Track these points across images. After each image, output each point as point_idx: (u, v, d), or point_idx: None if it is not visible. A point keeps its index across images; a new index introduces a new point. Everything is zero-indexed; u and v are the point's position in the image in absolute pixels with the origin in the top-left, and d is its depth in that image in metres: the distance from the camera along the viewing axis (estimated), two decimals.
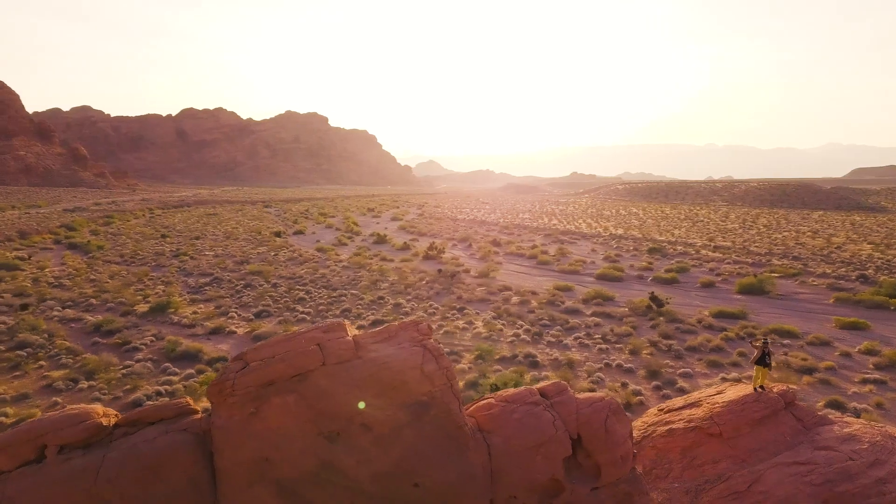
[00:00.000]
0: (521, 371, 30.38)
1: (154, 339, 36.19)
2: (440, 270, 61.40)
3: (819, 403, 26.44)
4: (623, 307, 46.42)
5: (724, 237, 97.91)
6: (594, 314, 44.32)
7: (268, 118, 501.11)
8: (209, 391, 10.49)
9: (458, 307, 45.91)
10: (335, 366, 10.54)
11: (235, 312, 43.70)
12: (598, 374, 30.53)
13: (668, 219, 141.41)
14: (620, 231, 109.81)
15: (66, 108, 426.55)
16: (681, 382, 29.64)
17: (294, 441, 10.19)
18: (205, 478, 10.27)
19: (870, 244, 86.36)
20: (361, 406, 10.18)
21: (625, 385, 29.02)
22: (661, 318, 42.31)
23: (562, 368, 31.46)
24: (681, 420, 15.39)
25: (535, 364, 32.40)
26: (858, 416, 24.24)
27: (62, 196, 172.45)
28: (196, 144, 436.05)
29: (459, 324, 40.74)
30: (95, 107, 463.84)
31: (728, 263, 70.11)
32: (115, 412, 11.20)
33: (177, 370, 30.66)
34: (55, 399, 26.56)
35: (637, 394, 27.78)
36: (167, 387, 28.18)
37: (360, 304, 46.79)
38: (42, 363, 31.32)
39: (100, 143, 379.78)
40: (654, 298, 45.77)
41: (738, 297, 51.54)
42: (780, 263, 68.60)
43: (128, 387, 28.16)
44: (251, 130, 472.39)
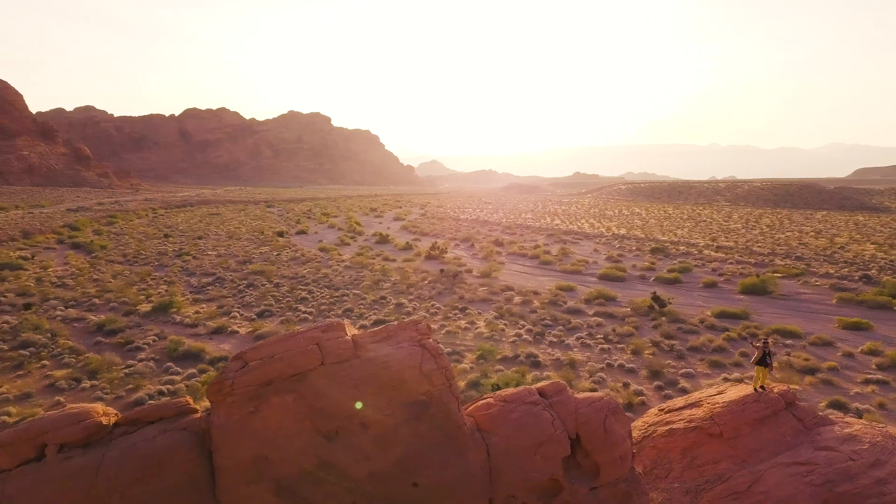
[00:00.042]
0: (523, 371, 30.34)
1: (156, 339, 36.28)
2: (442, 270, 61.40)
3: (821, 404, 26.38)
4: (625, 307, 46.37)
5: (727, 237, 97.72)
6: (596, 314, 44.28)
7: (271, 118, 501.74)
8: (208, 390, 10.52)
9: (461, 307, 45.91)
10: (334, 365, 10.55)
11: (238, 312, 43.77)
12: (600, 375, 30.50)
13: (671, 219, 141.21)
14: (623, 231, 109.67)
15: (70, 108, 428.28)
16: (683, 383, 29.59)
17: (293, 440, 10.20)
18: (204, 476, 10.30)
19: (873, 244, 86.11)
20: (358, 406, 10.18)
21: (626, 385, 28.99)
22: (664, 319, 42.25)
23: (564, 368, 31.43)
24: (681, 420, 15.38)
25: (537, 364, 32.37)
26: (861, 417, 24.18)
27: (65, 196, 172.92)
28: (199, 144, 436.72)
29: (461, 324, 40.73)
30: (99, 107, 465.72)
31: (731, 263, 69.99)
32: (115, 411, 11.23)
33: (179, 370, 30.72)
34: (58, 398, 26.63)
35: (639, 394, 27.74)
36: (169, 386, 28.24)
37: (363, 304, 46.83)
38: (45, 362, 31.41)
39: (103, 143, 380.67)
40: (657, 298, 45.71)
41: (741, 298, 51.44)
42: (783, 263, 68.45)
43: (130, 386, 28.23)
44: (254, 130, 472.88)
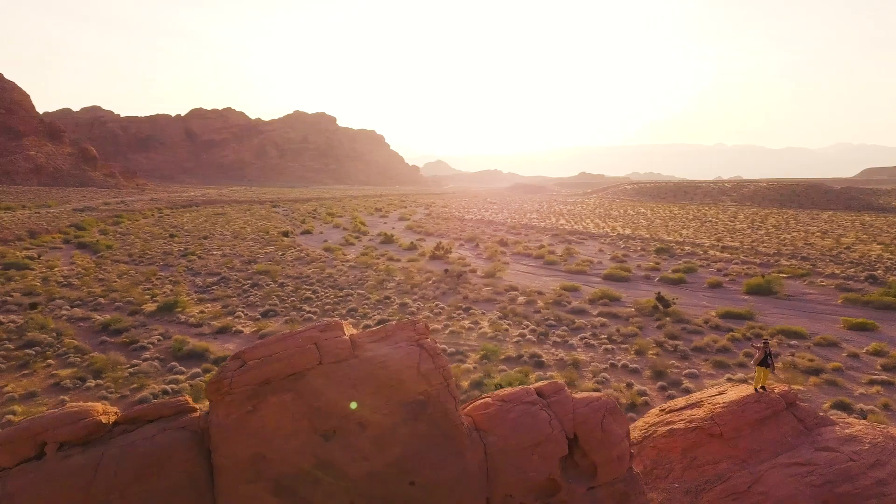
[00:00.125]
0: (527, 371, 30.31)
1: (161, 339, 36.43)
2: (446, 270, 61.41)
3: (825, 404, 26.27)
4: (629, 307, 46.28)
5: (733, 237, 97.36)
6: (600, 314, 44.19)
7: (276, 118, 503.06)
8: (207, 389, 10.57)
9: (464, 307, 45.90)
10: (332, 365, 10.58)
11: (242, 312, 43.89)
12: (604, 375, 30.43)
13: (677, 219, 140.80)
14: (628, 231, 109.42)
15: (76, 109, 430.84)
16: (686, 383, 29.50)
17: (291, 439, 10.23)
18: (203, 475, 10.35)
19: (879, 244, 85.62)
20: (353, 406, 10.20)
21: (630, 385, 28.92)
22: (668, 319, 42.14)
23: (567, 369, 31.38)
24: (682, 420, 15.34)
25: (541, 364, 32.33)
26: (865, 418, 24.07)
27: (72, 196, 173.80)
28: (205, 144, 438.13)
29: (465, 324, 40.73)
30: (105, 107, 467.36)
31: (736, 264, 69.72)
32: (116, 410, 11.29)
33: (183, 369, 30.83)
34: (63, 397, 26.77)
35: (642, 394, 27.68)
36: (173, 386, 28.34)
37: (367, 304, 46.90)
38: (50, 362, 31.58)
39: (109, 143, 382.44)
40: (661, 299, 45.60)
41: (746, 298, 51.26)
42: (789, 264, 68.16)
43: (135, 385, 28.34)
44: (259, 130, 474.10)
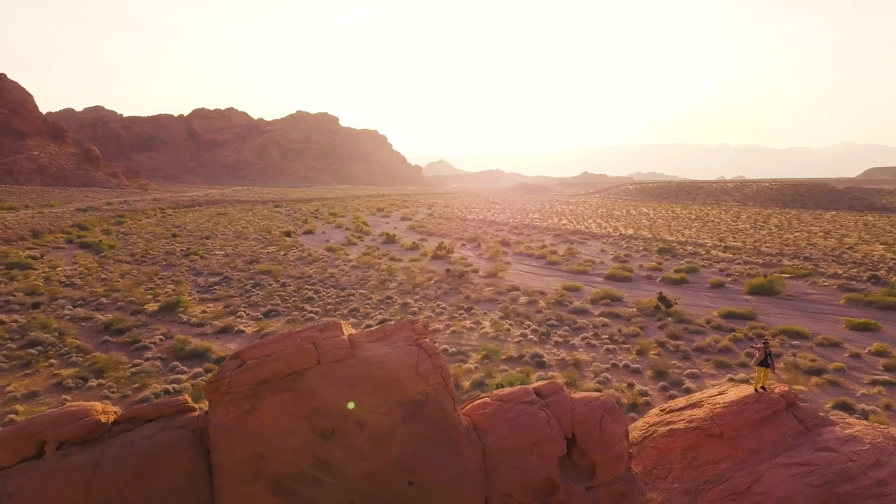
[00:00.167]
0: (528, 371, 30.30)
1: (163, 338, 36.50)
2: (448, 270, 61.42)
3: (827, 405, 26.22)
4: (631, 307, 46.23)
5: (735, 237, 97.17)
6: (602, 314, 44.16)
7: (279, 118, 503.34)
8: (206, 388, 10.60)
9: (466, 307, 45.90)
10: (330, 364, 10.60)
11: (244, 312, 43.96)
12: (605, 375, 30.41)
13: (679, 219, 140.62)
14: (630, 231, 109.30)
15: (79, 109, 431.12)
16: (688, 383, 29.46)
17: (289, 439, 10.25)
18: (201, 474, 10.37)
19: (882, 244, 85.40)
20: (351, 406, 10.22)
21: (631, 385, 28.90)
22: (670, 319, 42.09)
23: (568, 369, 31.36)
24: (682, 420, 15.33)
25: (542, 364, 32.32)
26: (867, 418, 24.02)
27: (75, 196, 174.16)
28: (207, 144, 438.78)
29: (467, 323, 40.73)
30: (108, 107, 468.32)
31: (738, 264, 69.60)
32: (115, 409, 11.33)
33: (185, 369, 30.89)
34: (65, 397, 26.82)
35: (643, 394, 27.65)
36: (175, 385, 28.40)
37: (369, 304, 46.92)
38: (52, 361, 31.66)
39: (112, 143, 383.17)
40: (663, 299, 45.54)
41: (748, 298, 51.17)
42: (791, 264, 68.03)
43: (136, 385, 28.41)
44: (262, 130, 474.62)
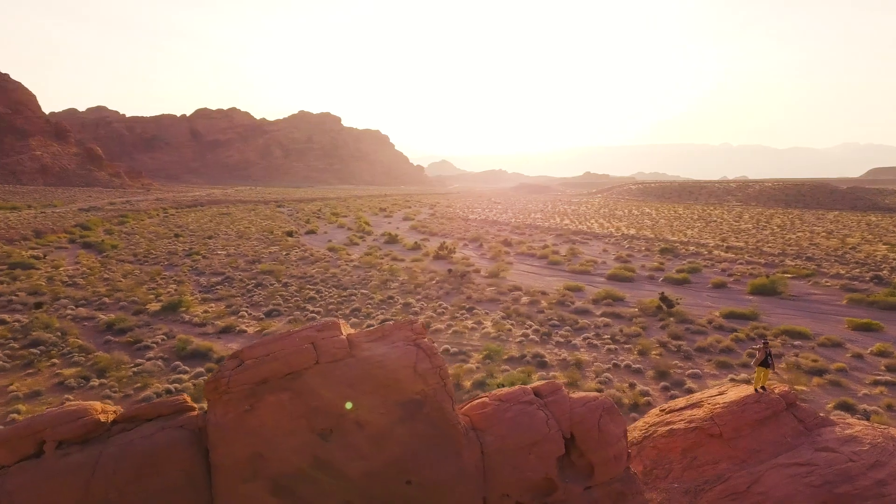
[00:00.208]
0: (529, 371, 30.28)
1: (165, 338, 36.56)
2: (450, 270, 61.42)
3: (829, 405, 26.17)
4: (633, 308, 46.17)
5: (737, 237, 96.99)
6: (604, 314, 44.12)
7: (281, 118, 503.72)
8: (205, 388, 10.62)
9: (468, 307, 45.89)
10: (329, 364, 10.62)
11: (246, 311, 44.01)
12: (607, 375, 30.39)
13: (681, 219, 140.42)
14: (632, 231, 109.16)
15: (82, 109, 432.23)
16: (689, 383, 29.41)
17: (288, 438, 10.27)
18: (200, 474, 10.40)
19: (885, 245, 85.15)
20: (349, 406, 10.23)
21: (633, 386, 28.87)
22: (671, 319, 42.04)
23: (570, 369, 31.34)
24: (682, 420, 15.32)
25: (544, 364, 32.30)
26: (868, 418, 23.97)
27: (77, 195, 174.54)
28: (210, 144, 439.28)
29: (468, 324, 40.72)
30: (111, 107, 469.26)
31: (740, 264, 69.48)
32: (115, 408, 11.36)
33: (187, 369, 30.94)
34: (67, 396, 26.86)
35: (645, 394, 27.62)
36: (177, 385, 28.43)
37: (370, 304, 46.94)
38: (55, 361, 31.73)
39: (115, 143, 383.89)
40: (665, 299, 45.49)
41: (750, 298, 51.06)
42: (794, 264, 67.88)
43: (138, 385, 28.45)
44: (264, 130, 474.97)
